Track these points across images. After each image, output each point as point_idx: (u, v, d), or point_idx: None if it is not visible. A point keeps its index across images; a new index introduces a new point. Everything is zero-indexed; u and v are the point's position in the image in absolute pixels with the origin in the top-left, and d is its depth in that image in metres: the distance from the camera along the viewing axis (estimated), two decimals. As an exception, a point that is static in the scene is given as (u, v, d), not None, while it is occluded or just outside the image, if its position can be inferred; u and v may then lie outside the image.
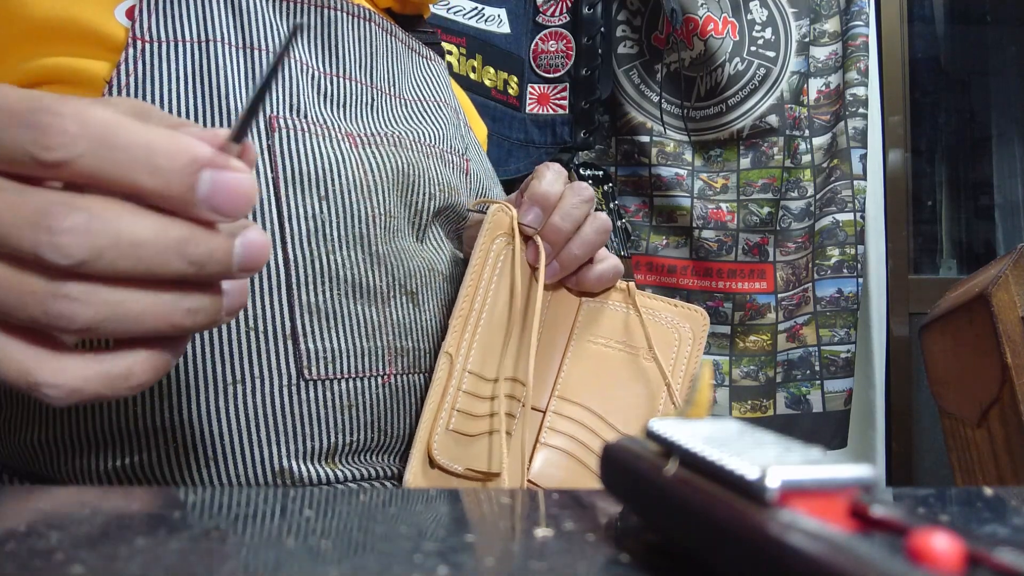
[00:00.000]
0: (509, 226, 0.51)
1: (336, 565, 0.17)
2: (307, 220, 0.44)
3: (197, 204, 0.24)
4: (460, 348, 0.48)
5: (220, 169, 0.24)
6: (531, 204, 0.51)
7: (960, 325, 0.92)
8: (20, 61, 0.43)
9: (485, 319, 0.50)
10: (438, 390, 0.47)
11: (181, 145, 0.24)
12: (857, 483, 0.16)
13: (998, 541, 0.16)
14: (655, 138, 1.43)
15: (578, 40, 1.30)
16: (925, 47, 1.83)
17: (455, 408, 0.47)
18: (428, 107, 0.57)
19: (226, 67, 0.44)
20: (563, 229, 0.51)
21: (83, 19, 0.43)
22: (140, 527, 0.20)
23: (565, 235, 0.51)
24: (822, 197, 1.45)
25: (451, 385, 0.48)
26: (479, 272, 0.50)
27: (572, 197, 0.52)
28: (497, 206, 0.51)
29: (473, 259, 0.50)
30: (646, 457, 0.19)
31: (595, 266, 0.54)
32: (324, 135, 0.47)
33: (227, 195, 0.24)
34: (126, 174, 0.23)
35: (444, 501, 0.26)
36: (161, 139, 0.24)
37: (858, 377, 1.46)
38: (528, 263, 0.52)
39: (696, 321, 0.57)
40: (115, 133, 0.23)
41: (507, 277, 0.51)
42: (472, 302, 0.49)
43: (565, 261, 0.52)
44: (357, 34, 0.53)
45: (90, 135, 0.23)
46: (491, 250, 0.51)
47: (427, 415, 0.46)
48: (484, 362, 0.49)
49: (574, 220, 0.51)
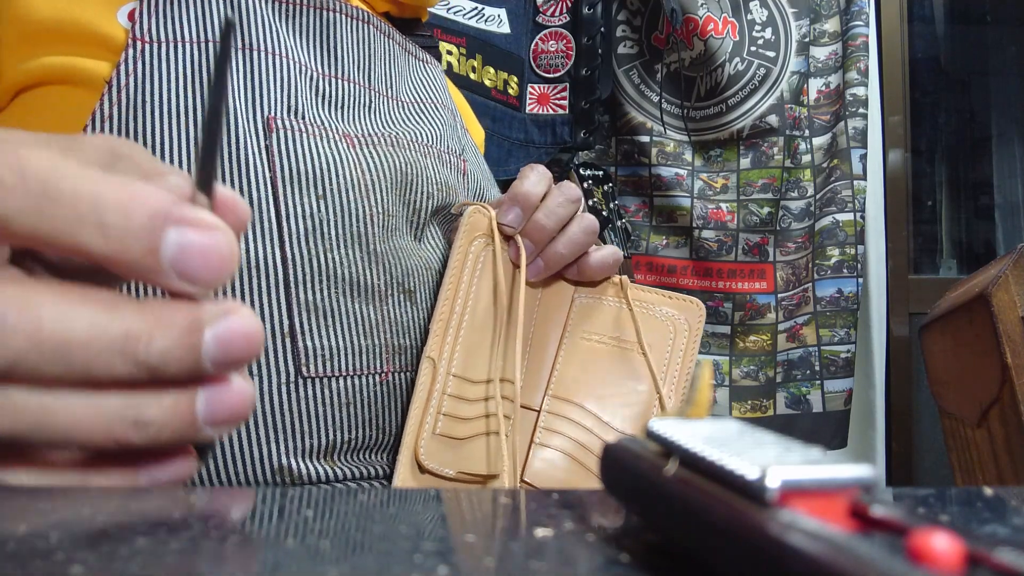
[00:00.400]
0: (488, 227, 0.51)
1: (335, 565, 0.17)
2: (305, 219, 0.44)
3: (163, 271, 0.20)
4: (443, 352, 0.48)
5: (190, 226, 0.20)
6: (511, 204, 0.51)
7: (960, 325, 0.92)
8: (19, 62, 0.44)
9: (468, 321, 0.50)
10: (422, 395, 0.47)
11: (137, 197, 0.19)
12: (857, 483, 0.16)
13: (998, 541, 0.16)
14: (655, 138, 1.43)
15: (578, 40, 1.30)
16: (925, 47, 1.83)
17: (440, 412, 0.47)
18: (425, 108, 0.58)
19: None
20: (547, 227, 0.51)
21: (85, 20, 0.44)
22: (140, 527, 0.20)
23: (549, 233, 0.51)
24: (822, 197, 1.45)
25: (435, 389, 0.48)
26: (458, 275, 0.50)
27: (557, 196, 0.52)
28: (474, 207, 0.51)
29: (451, 262, 0.50)
30: (646, 457, 0.19)
31: (595, 252, 0.54)
32: (321, 135, 0.47)
33: (200, 259, 0.20)
34: (70, 234, 0.19)
35: (444, 501, 0.26)
36: (112, 191, 0.19)
37: (858, 377, 1.46)
38: (511, 262, 0.52)
39: (692, 312, 0.56)
40: (57, 185, 0.19)
41: (489, 278, 0.51)
42: (452, 305, 0.49)
43: (550, 259, 0.52)
44: (355, 36, 0.53)
45: (28, 187, 0.19)
46: (469, 252, 0.50)
47: (412, 420, 0.46)
48: (469, 364, 0.49)
49: (558, 218, 0.51)
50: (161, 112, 0.43)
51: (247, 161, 0.43)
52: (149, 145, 0.42)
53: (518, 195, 0.51)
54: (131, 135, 0.42)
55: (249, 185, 0.43)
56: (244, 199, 0.43)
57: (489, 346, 0.51)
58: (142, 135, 0.42)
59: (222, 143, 0.20)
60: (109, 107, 0.42)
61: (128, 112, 0.42)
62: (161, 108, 0.43)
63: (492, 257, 0.51)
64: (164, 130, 0.43)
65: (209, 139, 0.21)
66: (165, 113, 0.43)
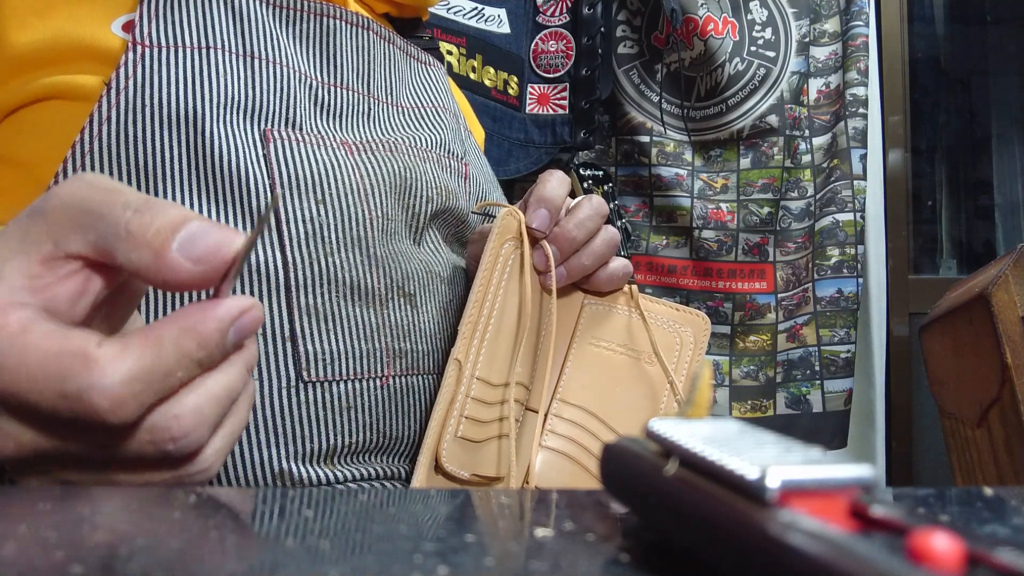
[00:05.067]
0: (517, 230, 0.51)
1: (335, 565, 0.17)
2: (305, 223, 0.44)
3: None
4: (469, 354, 0.48)
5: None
6: (538, 206, 0.51)
7: (960, 325, 0.92)
8: (8, 91, 0.43)
9: (494, 325, 0.49)
10: (447, 397, 0.47)
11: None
12: (857, 483, 0.16)
13: (998, 541, 0.16)
14: (655, 138, 1.43)
15: (578, 40, 1.30)
16: (925, 47, 1.83)
17: (463, 415, 0.47)
18: (425, 113, 0.58)
19: (226, 73, 0.45)
20: (576, 238, 0.52)
21: (78, 36, 0.43)
22: (140, 527, 0.20)
23: (577, 244, 0.52)
24: (822, 197, 1.45)
25: (459, 392, 0.47)
26: (488, 277, 0.50)
27: (587, 209, 0.52)
28: (506, 210, 0.51)
29: (483, 264, 0.50)
30: (646, 457, 0.19)
31: (606, 266, 0.55)
32: (319, 144, 0.47)
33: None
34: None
35: (444, 501, 0.26)
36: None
37: (858, 377, 1.46)
38: (536, 268, 0.52)
39: (698, 326, 0.57)
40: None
41: (515, 282, 0.51)
42: (481, 308, 0.49)
43: (573, 269, 0.53)
44: (355, 43, 0.53)
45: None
46: (500, 254, 0.50)
47: (435, 422, 0.46)
48: (491, 368, 0.49)
49: (588, 231, 0.52)
50: (160, 116, 0.42)
51: (245, 169, 0.43)
52: (147, 148, 0.42)
53: (543, 197, 0.51)
54: (128, 138, 0.42)
55: (248, 192, 0.43)
56: (243, 206, 0.43)
57: (509, 350, 0.51)
58: (140, 138, 0.42)
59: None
60: (108, 109, 0.42)
61: (127, 115, 0.42)
62: (160, 112, 0.42)
63: (520, 261, 0.51)
64: (163, 133, 0.42)
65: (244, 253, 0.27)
66: (164, 117, 0.42)
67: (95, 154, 0.42)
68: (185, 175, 0.42)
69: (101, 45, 0.43)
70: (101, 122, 0.42)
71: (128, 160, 0.42)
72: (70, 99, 0.43)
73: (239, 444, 0.42)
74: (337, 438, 0.44)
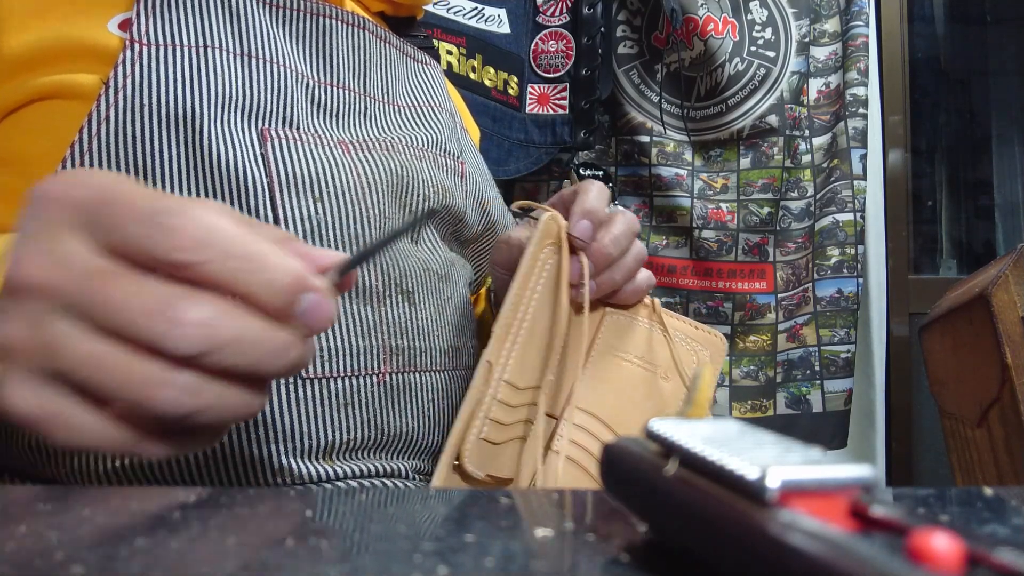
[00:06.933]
0: (557, 236, 0.51)
1: (336, 565, 0.17)
2: (302, 222, 0.45)
3: (294, 318, 0.27)
4: (500, 357, 0.48)
5: (316, 293, 0.28)
6: (582, 216, 0.51)
7: (960, 325, 0.92)
8: (5, 97, 0.43)
9: (526, 329, 0.49)
10: (475, 397, 0.46)
11: (290, 267, 0.27)
12: (857, 483, 0.16)
13: (998, 541, 0.16)
14: (655, 138, 1.43)
15: (578, 40, 1.30)
16: (925, 47, 1.83)
17: (488, 417, 0.47)
18: (422, 112, 0.58)
19: (223, 72, 0.45)
20: (611, 255, 0.52)
21: (75, 36, 0.44)
22: (140, 527, 0.20)
23: (611, 260, 0.52)
24: (822, 197, 1.45)
25: (487, 394, 0.47)
26: (525, 279, 0.49)
27: (622, 225, 0.52)
28: (549, 215, 0.51)
29: (522, 266, 0.49)
30: (646, 457, 0.19)
31: (633, 279, 0.55)
32: (316, 143, 0.47)
33: (318, 316, 0.28)
34: (243, 282, 0.26)
35: (443, 501, 0.26)
36: (275, 258, 0.27)
37: (858, 377, 1.46)
38: (570, 279, 0.52)
39: (716, 346, 0.57)
40: (238, 245, 0.26)
41: (551, 289, 0.51)
42: (516, 310, 0.49)
43: (604, 283, 0.53)
44: (351, 43, 0.53)
45: (216, 243, 0.26)
46: (539, 257, 0.50)
47: (461, 422, 0.46)
48: (519, 372, 0.49)
49: (621, 249, 0.52)
50: (158, 115, 0.42)
51: (243, 168, 0.43)
52: (145, 148, 0.42)
53: (587, 209, 0.51)
54: (127, 137, 0.42)
55: (245, 191, 0.43)
56: (240, 204, 0.43)
57: (537, 355, 0.50)
58: (139, 138, 0.42)
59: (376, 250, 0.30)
60: (106, 108, 0.42)
61: (125, 114, 0.42)
62: (158, 111, 0.43)
63: (556, 268, 0.51)
64: (161, 132, 0.42)
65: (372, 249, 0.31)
66: (162, 116, 0.43)
67: (94, 153, 0.42)
68: (183, 174, 0.42)
69: (98, 44, 0.43)
70: (99, 121, 0.42)
71: (127, 159, 0.42)
72: (68, 98, 0.43)
73: (238, 440, 0.42)
74: (335, 434, 0.45)
